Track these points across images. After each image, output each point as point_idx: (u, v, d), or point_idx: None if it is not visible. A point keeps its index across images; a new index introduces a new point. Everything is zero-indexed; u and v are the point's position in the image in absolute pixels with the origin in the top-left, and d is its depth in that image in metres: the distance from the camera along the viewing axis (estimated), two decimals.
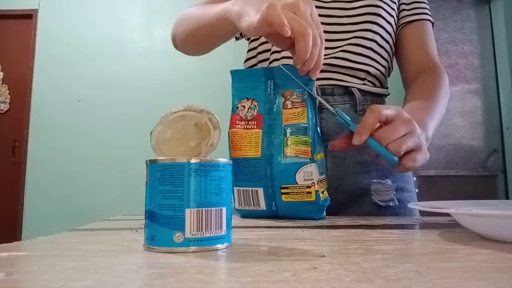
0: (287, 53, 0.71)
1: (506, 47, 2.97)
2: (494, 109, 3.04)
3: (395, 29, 0.76)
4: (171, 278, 0.22)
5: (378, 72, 0.74)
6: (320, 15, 0.71)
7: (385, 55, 0.75)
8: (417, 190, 0.75)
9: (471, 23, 3.13)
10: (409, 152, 0.51)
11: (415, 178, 0.77)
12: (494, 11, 3.11)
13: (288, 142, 0.55)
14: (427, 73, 0.72)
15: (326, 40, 0.71)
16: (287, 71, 0.56)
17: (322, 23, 0.70)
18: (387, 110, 0.51)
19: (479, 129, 3.01)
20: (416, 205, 0.41)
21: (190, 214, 0.29)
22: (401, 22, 0.76)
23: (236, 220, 0.56)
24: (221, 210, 0.31)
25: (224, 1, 0.61)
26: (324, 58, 0.70)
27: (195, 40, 0.71)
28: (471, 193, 2.81)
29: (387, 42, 0.75)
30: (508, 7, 3.02)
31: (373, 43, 0.72)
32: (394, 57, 0.80)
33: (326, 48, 0.70)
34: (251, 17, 0.49)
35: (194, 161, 0.30)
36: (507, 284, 0.20)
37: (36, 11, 3.22)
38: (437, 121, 0.64)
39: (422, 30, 0.76)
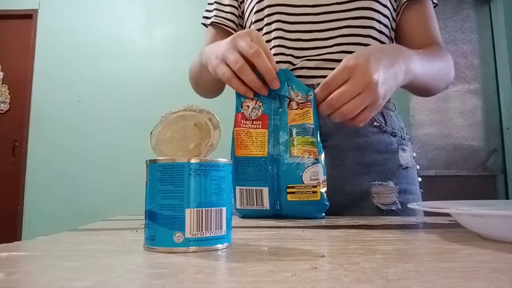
0: (282, 51, 0.71)
1: (506, 47, 2.96)
2: (494, 109, 3.03)
3: (392, 12, 0.73)
4: (171, 278, 0.22)
5: None
6: (306, 6, 0.70)
7: (386, 40, 0.72)
8: (421, 191, 0.72)
9: (471, 23, 3.13)
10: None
11: (420, 179, 0.73)
12: (494, 11, 3.11)
13: (295, 142, 0.55)
14: (430, 46, 0.70)
15: (316, 31, 0.69)
16: (291, 73, 0.56)
17: (309, 14, 0.70)
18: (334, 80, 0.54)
19: (479, 129, 3.01)
20: (415, 205, 0.41)
21: (190, 214, 0.29)
22: (402, 2, 0.73)
23: (236, 220, 0.56)
24: (221, 210, 0.31)
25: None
26: (319, 53, 0.69)
27: (199, 88, 0.80)
28: (471, 193, 2.81)
29: (386, 26, 0.72)
30: (508, 7, 3.01)
31: (371, 30, 0.69)
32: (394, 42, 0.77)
33: (318, 40, 0.69)
34: (213, 64, 0.59)
35: (194, 161, 0.30)
36: (507, 284, 0.20)
37: (36, 11, 3.22)
38: (426, 62, 0.62)
39: (422, 11, 0.73)
